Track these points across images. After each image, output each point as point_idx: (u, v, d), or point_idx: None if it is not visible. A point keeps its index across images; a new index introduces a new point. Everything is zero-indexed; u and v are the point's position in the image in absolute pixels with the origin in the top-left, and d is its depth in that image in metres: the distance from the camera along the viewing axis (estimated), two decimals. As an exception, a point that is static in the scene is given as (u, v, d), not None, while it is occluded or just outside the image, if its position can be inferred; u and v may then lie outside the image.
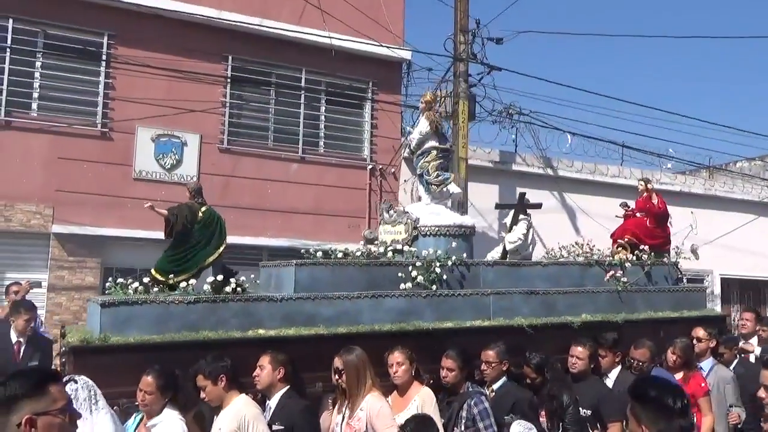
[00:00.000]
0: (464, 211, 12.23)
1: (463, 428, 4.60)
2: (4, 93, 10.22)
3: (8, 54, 10.27)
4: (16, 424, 2.08)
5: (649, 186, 8.19)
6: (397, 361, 4.80)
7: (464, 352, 5.00)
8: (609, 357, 5.50)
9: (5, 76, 10.23)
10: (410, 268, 5.97)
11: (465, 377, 4.94)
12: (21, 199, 10.10)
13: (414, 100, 13.41)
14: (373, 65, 12.77)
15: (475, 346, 5.25)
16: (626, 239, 7.67)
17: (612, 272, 6.98)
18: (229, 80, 11.81)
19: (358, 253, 6.41)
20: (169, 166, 11.11)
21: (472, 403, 4.64)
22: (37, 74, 10.50)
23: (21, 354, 6.86)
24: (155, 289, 5.50)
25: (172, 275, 5.63)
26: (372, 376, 4.51)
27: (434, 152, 6.76)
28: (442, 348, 5.10)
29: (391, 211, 6.83)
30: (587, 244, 7.51)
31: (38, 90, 10.48)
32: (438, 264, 6.03)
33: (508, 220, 7.74)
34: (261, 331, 5.18)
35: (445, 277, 6.09)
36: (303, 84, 12.50)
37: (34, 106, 10.46)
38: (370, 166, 12.81)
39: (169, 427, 4.23)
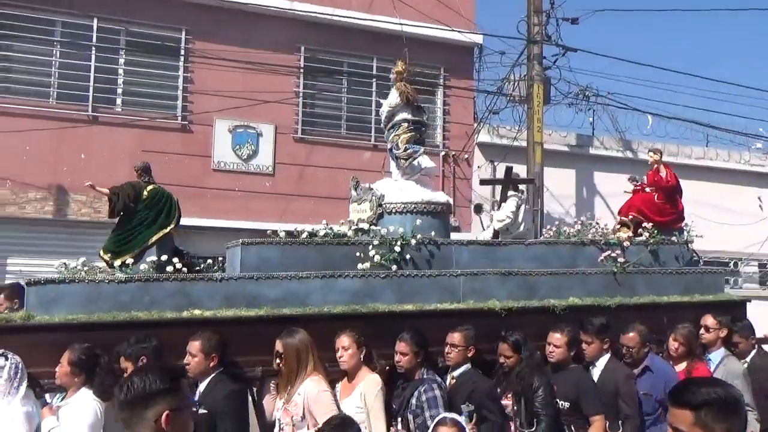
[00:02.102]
0: (539, 196, 12.04)
1: (411, 416, 4.37)
2: (91, 90, 10.71)
3: (94, 52, 10.76)
4: (153, 420, 2.08)
5: (655, 157, 7.42)
6: (343, 345, 4.54)
7: (419, 335, 4.67)
8: (595, 344, 4.97)
9: (91, 74, 10.73)
10: (370, 247, 5.54)
11: (421, 362, 4.63)
12: None
13: (487, 85, 13.28)
14: (444, 51, 12.67)
15: (442, 331, 4.90)
16: (630, 216, 7.00)
17: (608, 252, 6.32)
18: (301, 70, 11.97)
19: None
20: (245, 157, 11.39)
21: (422, 390, 4.41)
22: (120, 71, 10.96)
23: None
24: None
25: (108, 255, 5.45)
26: (315, 360, 4.32)
27: (405, 125, 6.25)
28: (402, 332, 4.75)
29: (358, 188, 6.41)
30: (596, 223, 6.86)
31: (122, 86, 10.95)
32: (399, 242, 5.59)
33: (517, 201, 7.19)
34: (197, 312, 4.92)
35: (408, 257, 5.65)
36: (374, 72, 12.54)
37: (119, 101, 10.94)
38: (443, 153, 12.73)
39: (79, 408, 4.01)
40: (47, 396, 4.42)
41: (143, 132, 10.84)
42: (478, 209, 12.60)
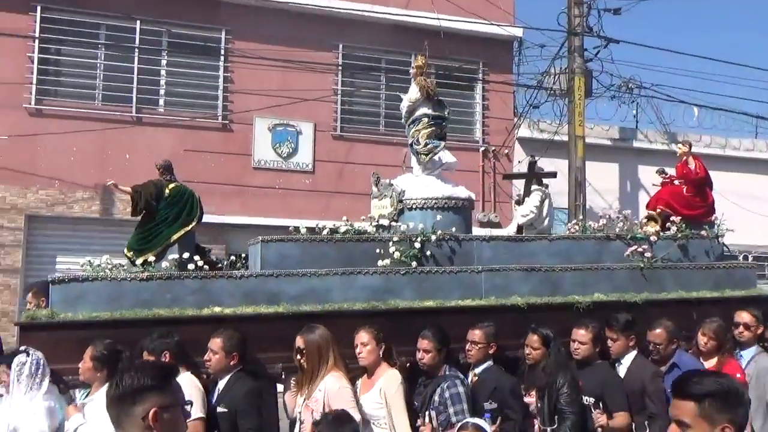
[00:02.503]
0: (581, 191, 11.85)
1: (434, 413, 4.29)
2: (135, 91, 10.96)
3: (137, 54, 11.00)
4: (141, 416, 2.04)
5: (684, 149, 7.13)
6: (362, 342, 4.47)
7: (441, 332, 4.61)
8: (621, 341, 4.83)
9: (135, 75, 10.97)
10: (390, 243, 5.47)
11: (443, 359, 4.58)
12: None
13: (527, 79, 13.17)
14: (483, 45, 12.60)
15: (464, 328, 4.84)
16: (658, 210, 6.76)
17: (635, 247, 6.12)
18: (340, 68, 12.02)
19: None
20: (285, 155, 11.49)
21: (445, 386, 4.36)
22: (162, 72, 11.20)
23: None
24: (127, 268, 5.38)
25: (131, 253, 5.50)
26: (336, 356, 4.30)
27: (425, 120, 6.15)
28: (423, 329, 4.69)
29: (379, 184, 6.30)
30: (624, 217, 6.59)
31: (164, 87, 11.20)
32: (419, 238, 5.53)
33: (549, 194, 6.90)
34: (217, 309, 4.93)
35: (429, 253, 5.57)
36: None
37: (161, 102, 11.20)
38: (483, 148, 12.67)
39: (103, 404, 4.08)
40: (74, 392, 4.54)
41: (185, 131, 11.04)
42: (519, 204, 12.49)
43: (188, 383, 4.11)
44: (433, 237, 5.60)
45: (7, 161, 10.26)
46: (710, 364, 4.90)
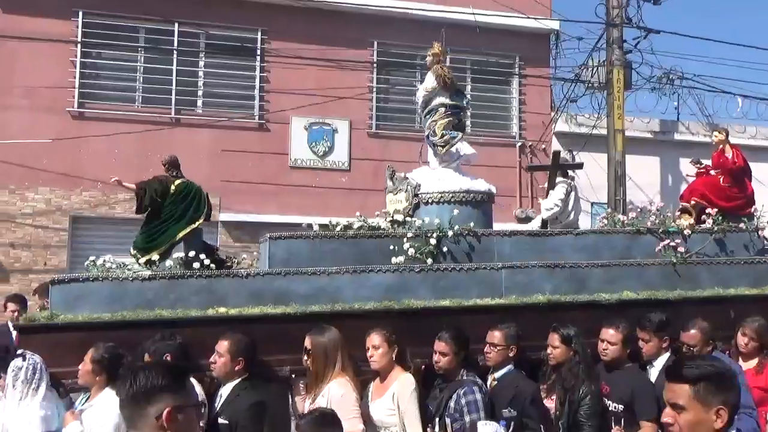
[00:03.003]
0: (622, 185, 11.65)
1: (449, 420, 4.09)
2: (173, 93, 11.17)
3: (175, 56, 11.20)
4: (155, 416, 2.02)
5: (720, 137, 6.79)
6: (373, 344, 4.26)
7: (460, 334, 4.35)
8: (654, 342, 4.54)
9: (173, 77, 11.18)
10: (404, 240, 5.25)
11: (461, 363, 4.32)
12: None
13: (564, 73, 13.02)
14: (519, 39, 12.51)
15: (482, 329, 4.55)
16: (693, 202, 6.44)
17: (667, 241, 5.74)
18: (375, 66, 12.03)
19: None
20: (321, 153, 11.55)
21: (462, 393, 4.11)
22: (200, 73, 11.39)
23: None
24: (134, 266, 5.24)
25: (135, 252, 5.34)
26: (345, 359, 4.13)
27: (442, 110, 5.90)
28: (439, 330, 4.43)
29: (394, 178, 6.05)
30: (656, 210, 6.18)
31: (202, 88, 11.37)
32: (435, 234, 5.27)
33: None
34: (222, 310, 4.74)
35: (446, 249, 5.34)
36: (448, 64, 12.41)
37: (199, 103, 11.38)
38: (520, 144, 12.58)
39: (102, 409, 3.83)
40: (72, 396, 4.39)
41: (222, 132, 11.19)
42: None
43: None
44: (450, 233, 5.39)
45: (51, 164, 10.53)
46: (750, 365, 4.68)
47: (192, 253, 5.06)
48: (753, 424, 4.14)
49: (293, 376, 4.56)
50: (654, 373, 4.53)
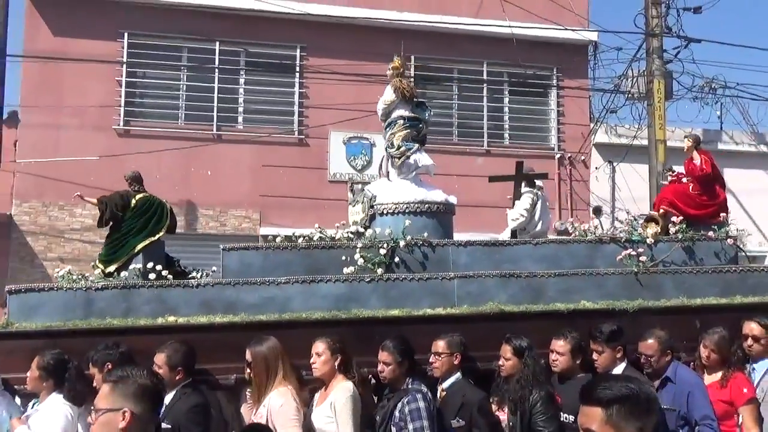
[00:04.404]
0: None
1: (394, 429, 4.14)
2: (215, 110, 11.52)
3: (217, 74, 11.58)
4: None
5: (688, 143, 6.70)
6: (317, 352, 4.30)
7: (403, 343, 4.38)
8: (607, 353, 4.48)
9: (215, 94, 11.53)
10: (356, 250, 5.32)
11: (406, 372, 4.34)
12: (232, 205, 11.33)
13: (603, 83, 13.07)
14: (557, 50, 12.62)
15: (433, 339, 4.57)
16: (661, 210, 6.35)
17: (629, 250, 5.68)
18: (412, 79, 12.10)
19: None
20: (360, 167, 11.72)
21: (406, 401, 4.15)
22: (241, 90, 11.74)
23: None
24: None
25: (99, 263, 5.55)
26: (287, 368, 4.20)
27: (401, 122, 5.97)
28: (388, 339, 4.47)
29: (353, 190, 6.37)
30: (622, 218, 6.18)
31: (242, 104, 11.72)
32: (387, 244, 5.33)
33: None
34: (171, 319, 4.85)
35: (399, 259, 5.39)
36: (485, 77, 12.65)
37: (240, 119, 11.73)
38: (559, 155, 12.64)
39: (49, 413, 4.00)
40: (19, 401, 4.56)
41: (263, 147, 11.47)
42: (597, 212, 12.29)
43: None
44: (402, 243, 5.43)
45: (98, 181, 10.81)
46: (714, 378, 4.58)
47: (150, 265, 5.22)
48: None
49: (239, 386, 4.65)
50: None
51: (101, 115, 11.03)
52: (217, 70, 11.57)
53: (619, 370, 4.45)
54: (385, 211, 5.82)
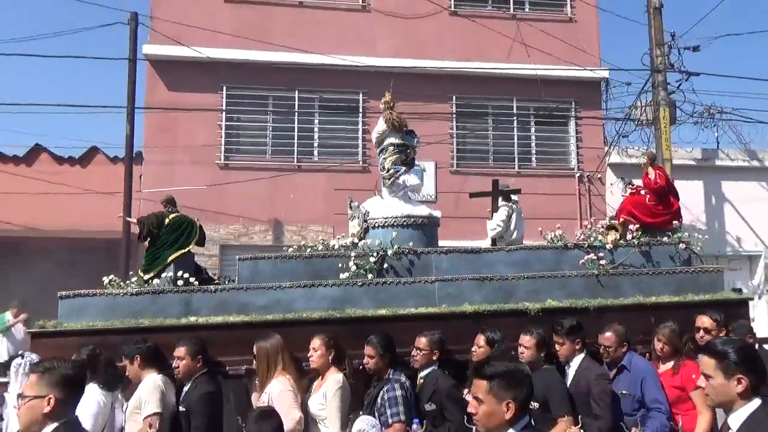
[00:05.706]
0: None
1: (377, 414, 4.44)
2: (295, 145, 13.64)
3: (296, 116, 13.76)
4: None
5: (643, 160, 7.23)
6: (313, 347, 4.70)
7: (386, 338, 4.75)
8: (567, 345, 4.81)
9: (295, 133, 13.67)
10: (351, 259, 5.79)
11: (388, 363, 4.69)
12: (311, 221, 13.37)
13: (615, 113, 14.67)
14: (574, 87, 14.28)
15: (416, 334, 5.01)
16: (621, 219, 6.72)
17: (591, 255, 6.09)
18: (454, 115, 14.25)
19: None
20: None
21: (385, 389, 4.46)
22: (315, 129, 13.81)
23: None
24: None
25: (140, 272, 6.10)
26: (286, 361, 4.57)
27: (391, 148, 6.52)
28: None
29: (351, 207, 6.80)
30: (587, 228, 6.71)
31: (317, 140, 13.78)
32: (377, 253, 5.79)
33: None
34: (192, 318, 5.34)
35: (388, 266, 5.84)
36: (515, 111, 14.48)
37: (315, 152, 13.76)
38: (578, 174, 14.27)
39: (82, 402, 4.05)
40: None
41: (334, 175, 13.46)
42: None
43: (149, 383, 4.57)
44: (390, 251, 5.88)
45: (205, 204, 13.06)
46: (666, 367, 4.91)
47: (179, 273, 5.73)
48: (663, 419, 4.51)
49: (244, 375, 5.20)
50: (571, 372, 4.82)
51: (206, 153, 12.95)
52: (296, 114, 13.50)
53: (578, 359, 4.81)
54: (376, 225, 6.33)
